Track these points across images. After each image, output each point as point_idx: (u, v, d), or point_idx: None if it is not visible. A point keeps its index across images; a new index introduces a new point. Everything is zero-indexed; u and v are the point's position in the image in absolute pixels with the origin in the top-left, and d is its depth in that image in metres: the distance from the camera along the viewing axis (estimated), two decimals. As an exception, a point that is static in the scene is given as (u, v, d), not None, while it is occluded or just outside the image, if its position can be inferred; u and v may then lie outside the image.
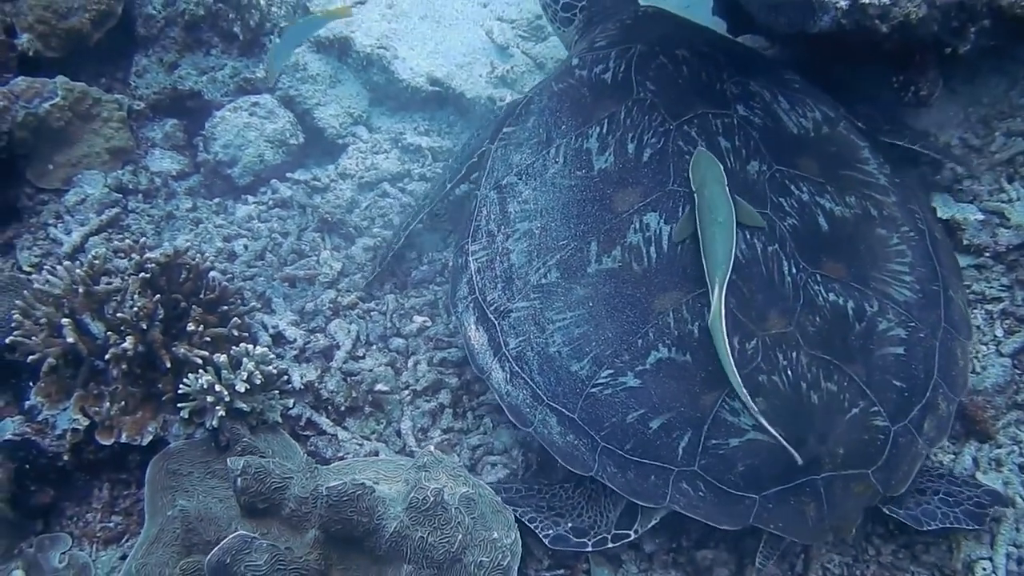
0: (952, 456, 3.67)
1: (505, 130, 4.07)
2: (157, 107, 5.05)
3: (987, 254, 4.02)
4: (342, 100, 5.17)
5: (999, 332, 3.88)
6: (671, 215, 3.52)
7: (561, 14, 4.61)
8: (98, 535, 3.70)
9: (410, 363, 4.08)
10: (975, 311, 3.95)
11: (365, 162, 4.90)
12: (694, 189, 3.48)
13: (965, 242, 4.04)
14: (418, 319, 4.18)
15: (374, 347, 4.15)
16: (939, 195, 4.23)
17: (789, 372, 3.24)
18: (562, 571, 3.47)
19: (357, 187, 4.84)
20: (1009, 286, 3.98)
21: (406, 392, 3.98)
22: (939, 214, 4.08)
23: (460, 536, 3.04)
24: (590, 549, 3.37)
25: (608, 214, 3.59)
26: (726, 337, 3.15)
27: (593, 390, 3.35)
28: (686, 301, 3.36)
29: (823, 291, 3.40)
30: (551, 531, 3.40)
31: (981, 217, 4.07)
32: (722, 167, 3.51)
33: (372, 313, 4.27)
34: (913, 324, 3.43)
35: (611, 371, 3.34)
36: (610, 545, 3.37)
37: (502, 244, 3.72)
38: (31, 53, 4.72)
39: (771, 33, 4.12)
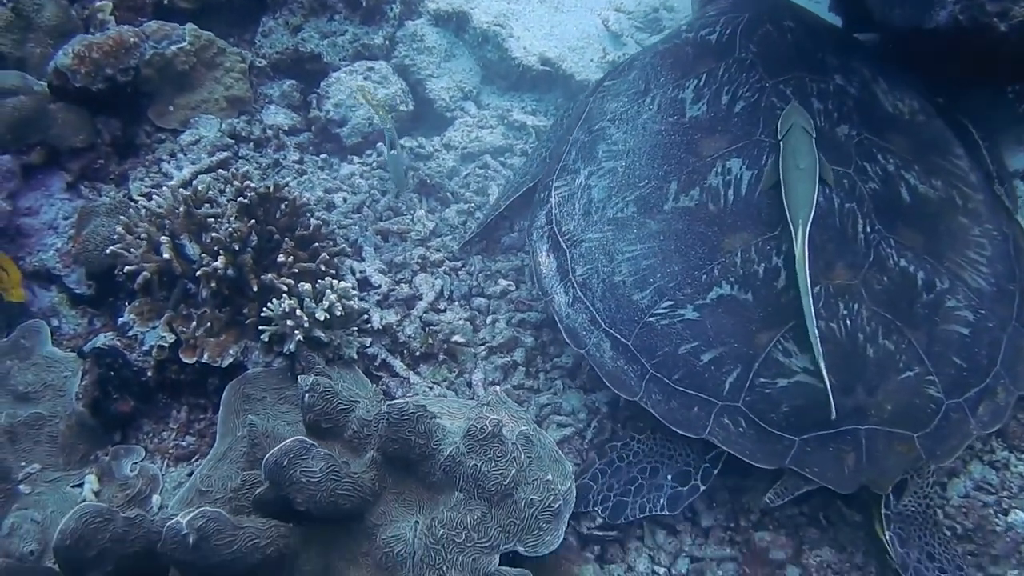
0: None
1: (606, 83, 4.21)
2: (278, 66, 5.24)
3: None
4: (455, 74, 5.27)
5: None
6: (754, 162, 3.54)
7: None
8: (171, 452, 3.82)
9: (488, 320, 4.13)
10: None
11: (470, 135, 4.97)
12: (780, 138, 3.50)
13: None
14: (503, 282, 4.21)
15: (456, 303, 4.20)
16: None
17: (848, 322, 3.23)
18: (614, 532, 3.43)
19: (460, 157, 4.91)
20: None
21: (482, 347, 4.03)
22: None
23: (514, 471, 3.03)
24: (702, 488, 3.36)
25: (692, 157, 3.64)
26: (809, 278, 3.15)
27: (651, 319, 3.40)
28: (756, 243, 3.39)
29: (895, 255, 3.38)
30: (661, 497, 3.39)
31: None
32: (812, 122, 3.52)
33: (459, 272, 4.33)
34: (983, 312, 3.39)
35: (671, 303, 3.39)
36: (715, 472, 3.38)
37: (585, 180, 3.82)
38: (166, 2, 4.98)
39: (886, 28, 4.04)
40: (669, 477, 3.40)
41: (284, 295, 3.65)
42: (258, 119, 5.04)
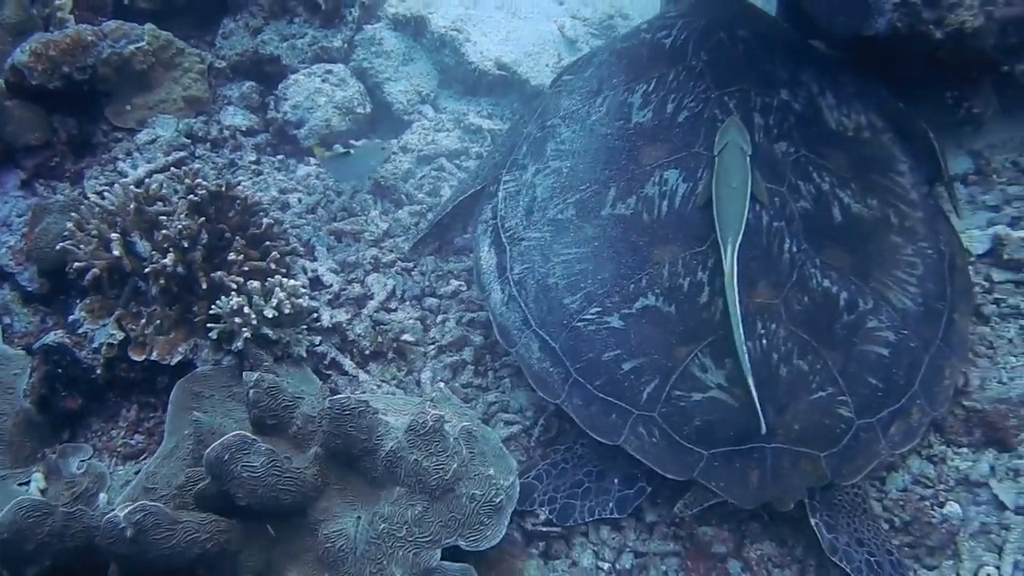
0: (970, 463, 3.56)
1: (564, 78, 4.27)
2: (237, 68, 5.27)
3: (1028, 269, 3.94)
4: (412, 78, 5.31)
5: (1032, 347, 3.79)
6: (690, 175, 3.59)
7: None
8: (119, 450, 3.83)
9: (439, 319, 4.16)
10: (1009, 324, 3.87)
11: (427, 138, 5.01)
12: (716, 153, 3.54)
13: (1006, 256, 3.97)
14: (455, 282, 4.25)
15: (408, 303, 4.24)
16: (977, 214, 4.21)
17: (764, 341, 3.28)
18: (559, 529, 3.46)
19: (416, 160, 4.95)
20: (1046, 303, 3.88)
21: (432, 346, 4.06)
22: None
23: (455, 466, 3.05)
24: (648, 489, 3.41)
25: (633, 164, 3.69)
26: (737, 297, 3.19)
27: (578, 324, 3.44)
28: (683, 256, 3.44)
29: (819, 275, 3.42)
30: (609, 501, 3.42)
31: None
32: (749, 138, 3.56)
33: (412, 272, 4.36)
34: (905, 332, 3.42)
35: (599, 309, 3.43)
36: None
37: (531, 178, 3.86)
38: (126, 1, 5.03)
39: (830, 36, 4.13)
40: (616, 480, 3.43)
41: (233, 292, 3.67)
42: (216, 120, 5.06)
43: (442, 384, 3.57)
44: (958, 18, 3.82)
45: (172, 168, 4.57)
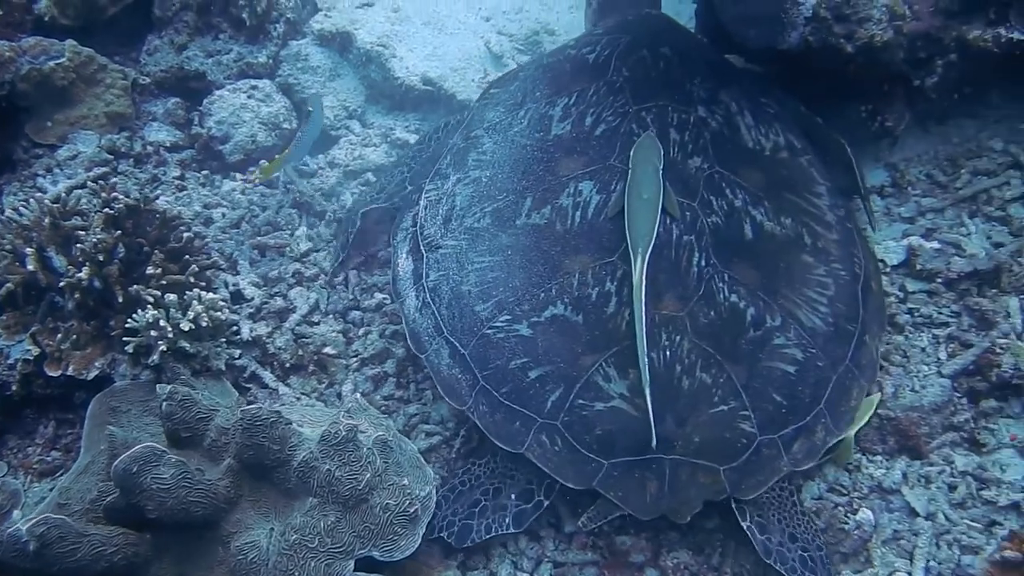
0: (884, 470, 3.64)
1: (491, 91, 4.34)
2: (163, 84, 5.25)
3: (939, 280, 4.03)
4: (339, 93, 5.33)
5: (942, 355, 3.87)
6: (604, 187, 3.65)
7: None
8: (35, 467, 3.79)
9: (361, 332, 4.17)
10: (922, 333, 3.97)
11: (354, 153, 5.02)
12: (630, 167, 3.60)
13: (919, 267, 4.07)
14: (379, 295, 4.26)
15: (331, 316, 4.23)
16: (892, 225, 4.33)
17: (667, 353, 3.31)
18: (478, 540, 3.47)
19: (343, 175, 4.96)
20: (958, 312, 3.98)
21: (354, 359, 4.06)
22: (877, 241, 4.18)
23: (368, 475, 3.06)
24: (546, 502, 3.41)
25: (550, 175, 3.74)
26: (643, 308, 3.23)
27: (488, 331, 3.47)
28: (593, 266, 3.48)
29: (726, 290, 3.46)
30: (506, 516, 3.41)
31: (937, 245, 4.11)
32: (662, 153, 3.63)
33: (336, 285, 4.36)
34: (814, 351, 3.46)
35: (509, 317, 3.46)
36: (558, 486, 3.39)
37: (452, 187, 3.89)
38: (47, 18, 4.98)
39: (745, 50, 4.23)
40: (513, 496, 3.43)
41: (150, 306, 3.65)
42: (140, 136, 5.04)
43: (359, 395, 3.58)
44: (867, 32, 3.95)
45: (90, 183, 4.53)
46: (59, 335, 3.75)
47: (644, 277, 3.27)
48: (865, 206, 4.22)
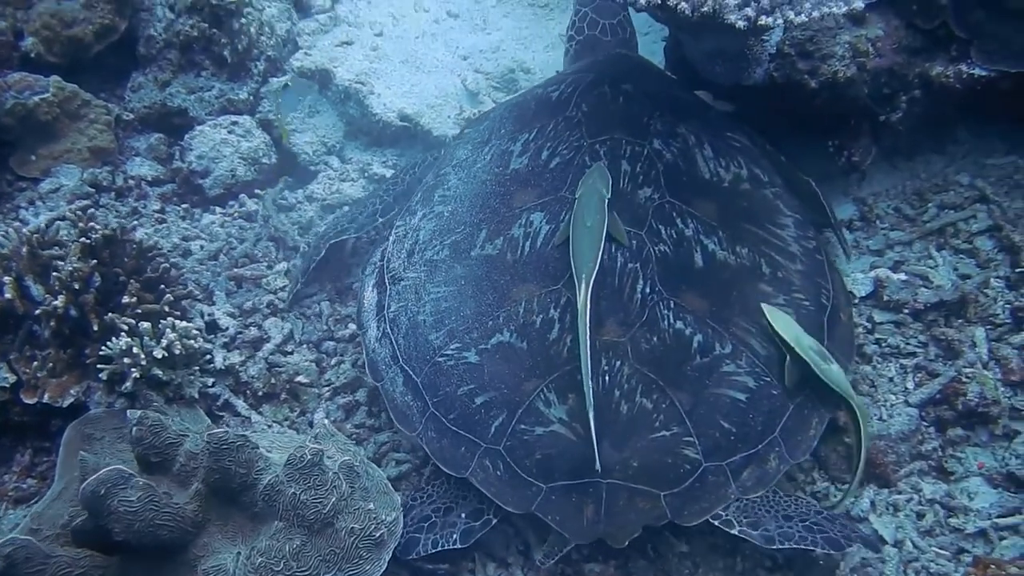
0: (852, 499, 3.67)
1: (465, 131, 4.48)
2: (146, 120, 5.33)
3: (906, 311, 4.10)
4: (318, 129, 5.43)
5: (910, 384, 3.94)
6: (554, 217, 3.73)
7: (565, 41, 5.02)
8: (10, 494, 3.81)
9: (334, 362, 4.23)
10: (890, 363, 4.03)
11: (332, 187, 5.10)
12: (577, 196, 3.67)
13: (886, 298, 4.15)
14: (352, 326, 4.31)
15: (304, 347, 4.29)
16: (861, 258, 4.41)
17: (607, 378, 3.36)
18: (445, 566, 3.49)
19: (320, 208, 5.04)
20: (925, 343, 4.05)
21: (326, 388, 4.12)
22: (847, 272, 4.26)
23: (334, 499, 3.09)
24: (494, 521, 3.44)
25: (504, 207, 3.84)
26: (587, 333, 3.28)
27: (440, 359, 3.55)
28: (539, 294, 3.56)
29: (671, 317, 3.50)
30: (454, 533, 3.43)
31: (904, 277, 4.19)
32: (610, 183, 3.69)
33: (310, 316, 4.41)
34: (768, 379, 3.48)
35: (459, 345, 3.55)
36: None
37: (418, 221, 3.99)
38: (33, 55, 5.09)
39: (712, 86, 4.33)
40: (463, 515, 3.47)
41: (124, 334, 3.69)
42: (122, 170, 5.11)
43: (326, 420, 3.62)
44: (831, 68, 4.07)
45: (69, 213, 4.59)
46: (35, 363, 3.80)
47: (588, 303, 3.33)
48: (838, 236, 4.29)
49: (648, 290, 3.54)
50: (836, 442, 3.82)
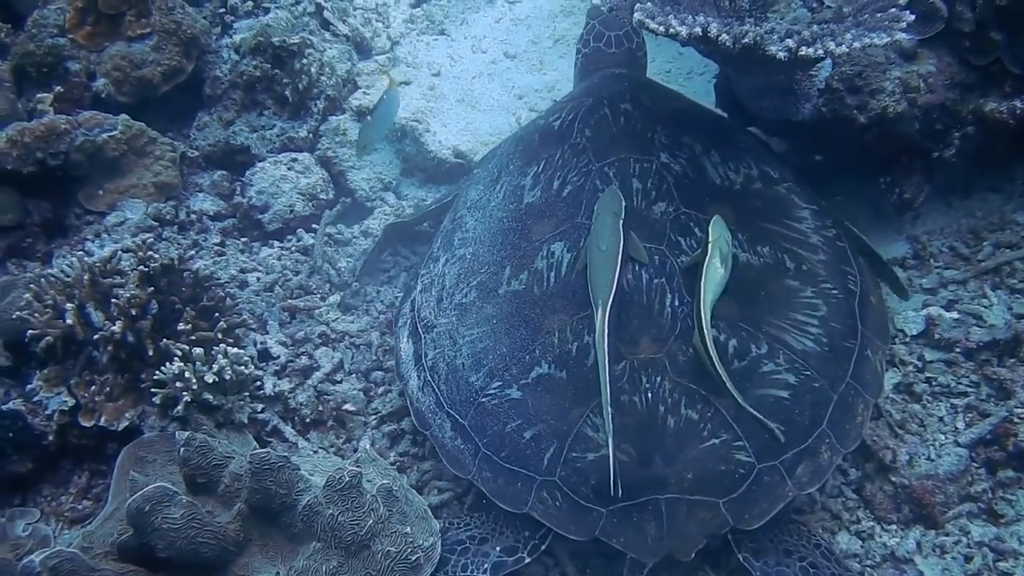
0: (897, 539, 3.61)
1: (474, 171, 4.54)
2: (210, 158, 5.52)
3: (958, 350, 4.04)
4: (375, 166, 5.52)
5: (960, 424, 3.86)
6: (573, 245, 3.75)
7: (576, 53, 5.06)
8: (66, 514, 3.94)
9: (381, 391, 4.29)
10: (940, 402, 3.96)
11: (387, 223, 5.18)
12: (593, 221, 3.69)
13: (937, 336, 4.09)
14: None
15: (354, 376, 4.36)
16: (913, 297, 4.37)
17: (649, 395, 3.37)
18: (483, 594, 3.51)
19: (375, 244, 5.12)
20: (976, 383, 3.97)
21: (373, 417, 4.17)
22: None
23: (371, 522, 3.13)
24: (527, 560, 3.47)
25: (524, 242, 3.87)
26: (606, 358, 3.30)
27: (483, 400, 3.57)
28: (571, 323, 3.58)
29: None
30: (486, 563, 3.47)
31: (957, 315, 4.12)
32: (623, 204, 3.70)
33: (359, 346, 4.49)
34: (808, 373, 3.48)
35: (500, 383, 3.57)
36: (543, 548, 3.48)
37: (442, 268, 4.05)
38: (104, 95, 5.32)
39: (760, 122, 4.34)
40: (498, 548, 3.49)
41: (176, 358, 3.81)
42: (185, 205, 5.28)
43: (367, 445, 3.67)
44: (880, 103, 4.05)
45: (130, 242, 4.76)
46: (94, 387, 3.93)
47: (606, 326, 3.34)
48: (889, 278, 4.25)
49: (677, 303, 3.55)
50: (882, 481, 3.77)
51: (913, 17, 3.37)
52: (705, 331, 3.31)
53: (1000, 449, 3.75)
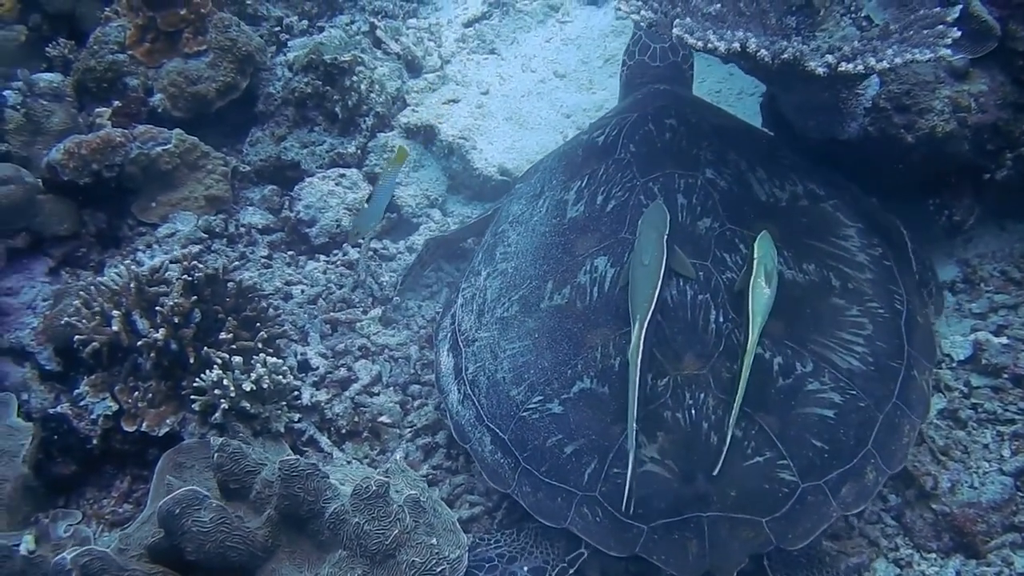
0: (937, 568, 3.51)
1: (516, 186, 4.54)
2: (261, 173, 5.62)
3: (1006, 376, 3.94)
4: (422, 183, 5.58)
5: (1006, 452, 3.77)
6: (617, 260, 3.73)
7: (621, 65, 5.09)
8: (107, 517, 4.04)
9: (417, 403, 4.31)
10: (986, 429, 3.86)
11: (428, 237, 5.22)
12: (636, 236, 3.66)
13: (984, 362, 3.99)
14: (440, 369, 4.39)
15: (391, 388, 4.39)
16: (962, 321, 4.28)
17: (693, 411, 3.34)
18: (509, 610, 3.50)
19: (416, 258, 5.15)
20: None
21: (408, 430, 4.19)
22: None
23: (396, 532, 3.14)
24: None
25: (567, 256, 3.85)
26: (637, 373, 3.25)
27: (524, 414, 3.56)
28: (613, 338, 3.55)
29: None
30: None
31: (1006, 341, 4.02)
32: (668, 219, 3.65)
33: (398, 359, 4.52)
34: (853, 392, 3.44)
35: (541, 397, 3.55)
36: (571, 572, 3.47)
37: (483, 281, 4.05)
38: (160, 110, 5.47)
39: (807, 141, 4.28)
40: (526, 568, 3.50)
41: (216, 366, 3.87)
42: (235, 218, 5.39)
43: (398, 456, 3.68)
44: (928, 123, 3.98)
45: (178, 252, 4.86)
46: (137, 393, 4.02)
47: (642, 342, 3.30)
48: (934, 298, 4.16)
49: (721, 319, 3.52)
50: (923, 508, 3.69)
51: (960, 34, 3.33)
52: (747, 360, 3.29)
53: (1047, 479, 3.65)
